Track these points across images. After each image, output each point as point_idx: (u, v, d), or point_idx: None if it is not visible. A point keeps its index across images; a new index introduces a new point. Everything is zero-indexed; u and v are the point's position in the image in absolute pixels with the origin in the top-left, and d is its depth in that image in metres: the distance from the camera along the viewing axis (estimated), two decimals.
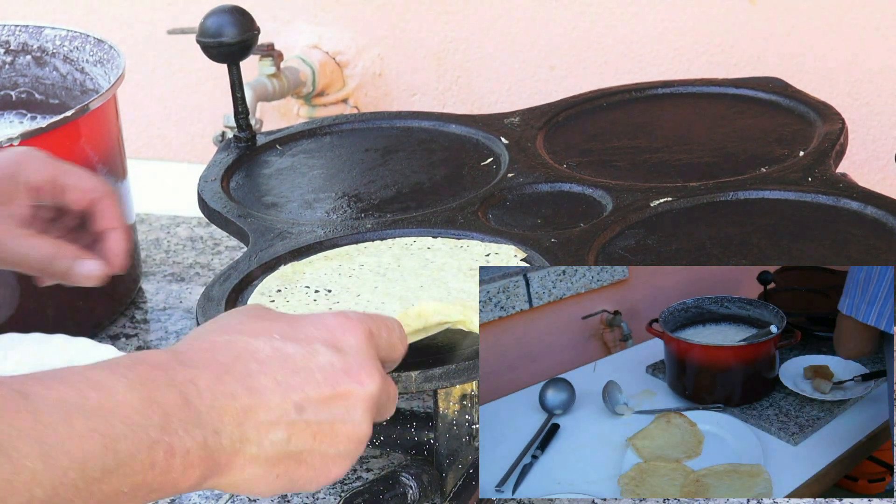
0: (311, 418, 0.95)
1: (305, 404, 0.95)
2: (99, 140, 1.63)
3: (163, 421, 0.88)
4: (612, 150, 1.58)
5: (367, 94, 2.16)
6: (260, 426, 0.93)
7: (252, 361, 0.94)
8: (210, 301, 1.30)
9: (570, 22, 2.04)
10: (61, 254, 1.20)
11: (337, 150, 1.63)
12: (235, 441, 0.92)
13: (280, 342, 0.96)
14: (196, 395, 0.91)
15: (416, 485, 1.29)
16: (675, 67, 2.00)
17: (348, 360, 0.97)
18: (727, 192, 1.46)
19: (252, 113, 1.95)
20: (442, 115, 1.69)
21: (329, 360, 0.97)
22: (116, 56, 1.69)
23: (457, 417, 1.30)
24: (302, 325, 0.98)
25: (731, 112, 1.65)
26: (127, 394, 0.87)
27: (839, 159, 1.53)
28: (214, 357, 0.94)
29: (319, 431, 0.96)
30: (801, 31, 1.95)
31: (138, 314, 1.71)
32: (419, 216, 1.45)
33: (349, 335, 0.98)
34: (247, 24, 1.54)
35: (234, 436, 0.92)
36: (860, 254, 1.34)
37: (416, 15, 2.10)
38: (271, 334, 0.96)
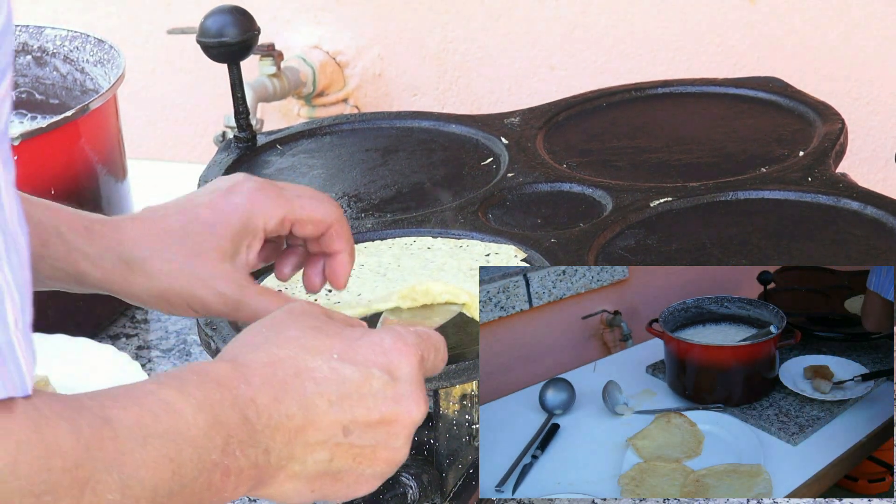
0: (356, 441, 0.97)
1: (353, 427, 0.97)
2: (99, 140, 1.63)
3: (224, 443, 0.90)
4: (612, 150, 1.58)
5: (367, 94, 2.16)
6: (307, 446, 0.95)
7: (310, 381, 0.95)
8: None
9: (570, 22, 2.04)
10: None
11: (337, 150, 1.63)
12: (283, 459, 0.94)
13: (338, 363, 0.97)
14: (255, 414, 0.92)
15: (416, 485, 1.29)
16: (675, 67, 2.00)
17: (399, 388, 0.98)
18: (727, 192, 1.46)
19: (252, 113, 1.95)
20: (442, 115, 1.69)
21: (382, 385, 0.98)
22: (116, 56, 1.69)
23: (457, 417, 1.30)
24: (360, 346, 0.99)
25: (731, 112, 1.65)
26: (195, 416, 0.89)
27: (839, 159, 1.53)
28: (275, 373, 0.95)
29: (361, 454, 0.98)
30: (801, 31, 1.95)
31: (138, 314, 1.71)
32: (419, 216, 1.45)
33: (404, 362, 0.99)
34: (247, 24, 1.54)
35: (282, 454, 0.94)
36: (860, 254, 1.34)
37: (416, 15, 2.10)
38: (331, 353, 0.97)
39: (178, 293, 1.14)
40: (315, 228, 1.18)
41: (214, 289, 1.14)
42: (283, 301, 1.15)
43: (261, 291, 1.15)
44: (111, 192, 1.65)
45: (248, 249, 1.16)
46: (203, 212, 1.16)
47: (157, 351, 1.65)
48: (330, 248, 1.19)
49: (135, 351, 1.64)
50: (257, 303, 1.15)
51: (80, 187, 1.60)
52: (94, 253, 1.15)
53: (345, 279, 1.19)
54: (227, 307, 1.14)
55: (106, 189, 1.64)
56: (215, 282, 1.14)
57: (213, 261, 1.14)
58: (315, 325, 0.99)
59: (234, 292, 1.14)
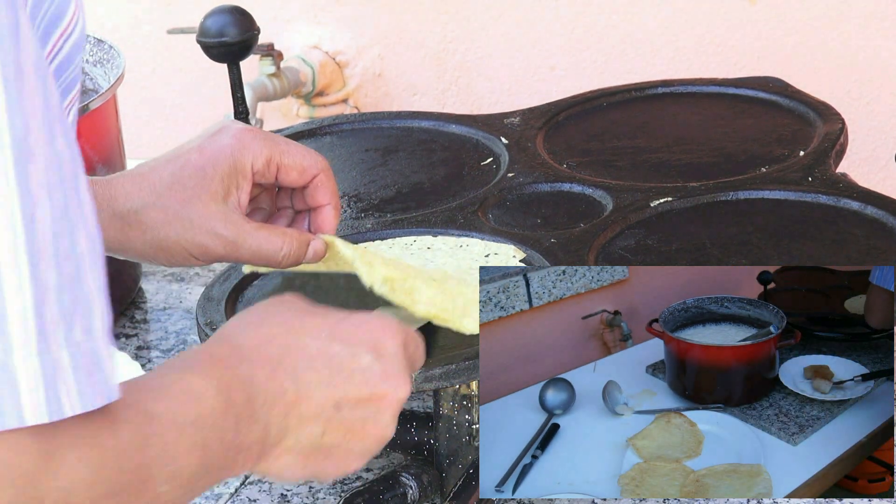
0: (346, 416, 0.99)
1: (343, 403, 0.98)
2: (99, 140, 1.62)
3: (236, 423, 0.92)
4: (612, 150, 1.58)
5: (367, 94, 2.16)
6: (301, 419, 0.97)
7: (301, 357, 0.97)
8: (210, 301, 1.30)
9: (570, 22, 2.04)
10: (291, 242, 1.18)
11: (337, 150, 1.63)
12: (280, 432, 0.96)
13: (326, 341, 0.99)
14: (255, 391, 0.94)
15: (416, 485, 1.29)
16: (675, 67, 2.00)
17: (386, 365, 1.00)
18: (727, 192, 1.46)
19: (252, 113, 1.95)
20: (442, 115, 1.69)
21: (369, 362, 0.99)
22: (116, 56, 1.69)
23: (457, 417, 1.30)
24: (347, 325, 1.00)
25: (731, 112, 1.65)
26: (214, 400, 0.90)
27: (839, 159, 1.53)
28: (268, 350, 0.96)
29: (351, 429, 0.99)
30: (801, 31, 1.95)
31: (138, 314, 1.71)
32: (419, 216, 1.45)
33: (390, 340, 1.01)
34: (247, 24, 1.54)
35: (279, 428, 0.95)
36: (860, 254, 1.34)
37: (416, 15, 2.10)
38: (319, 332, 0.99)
39: (176, 241, 1.16)
40: (300, 176, 1.20)
41: (212, 230, 1.16)
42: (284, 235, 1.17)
43: (258, 227, 1.17)
44: None
45: (238, 190, 1.18)
46: (192, 156, 1.18)
47: (156, 351, 1.65)
48: (314, 200, 1.21)
49: (135, 351, 1.64)
50: (256, 239, 1.17)
51: None
52: None
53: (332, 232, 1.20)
54: (226, 248, 1.16)
55: None
56: (212, 223, 1.16)
57: (206, 203, 1.16)
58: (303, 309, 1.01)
59: (232, 232, 1.16)
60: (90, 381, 0.80)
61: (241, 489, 1.41)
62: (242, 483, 1.41)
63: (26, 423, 0.78)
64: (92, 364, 0.81)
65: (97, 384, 0.81)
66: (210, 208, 1.16)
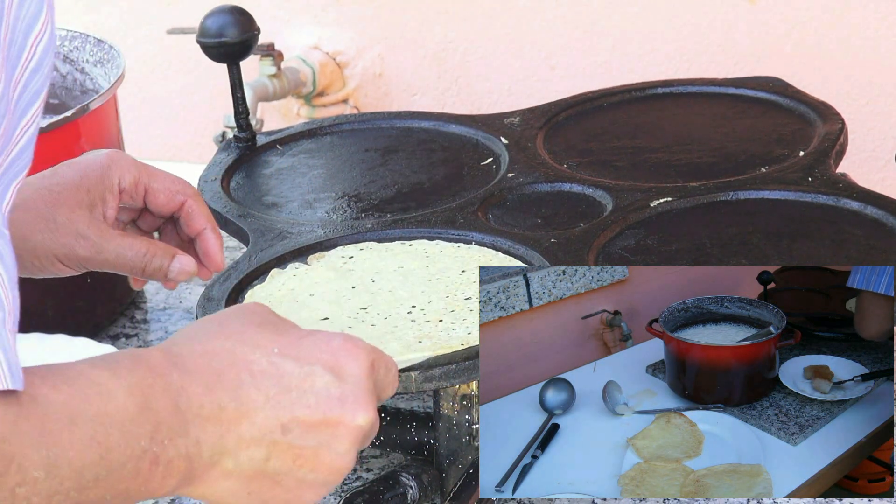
0: (296, 441, 0.93)
1: (293, 426, 0.93)
2: (99, 140, 1.62)
3: (153, 430, 0.88)
4: (612, 150, 1.58)
5: (367, 94, 2.16)
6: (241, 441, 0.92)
7: (245, 373, 0.92)
8: (210, 301, 1.30)
9: (570, 22, 2.04)
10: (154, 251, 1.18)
11: (337, 150, 1.63)
12: (215, 453, 0.91)
13: (278, 358, 0.93)
14: (186, 402, 0.90)
15: (416, 485, 1.29)
16: (675, 67, 2.00)
17: (345, 389, 0.94)
18: (727, 192, 1.46)
19: (252, 113, 1.95)
20: (442, 115, 1.69)
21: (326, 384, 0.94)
22: (116, 56, 1.69)
23: (457, 417, 1.30)
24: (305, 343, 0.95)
25: (731, 112, 1.65)
26: (126, 399, 0.87)
27: (839, 159, 1.53)
28: (209, 363, 0.92)
29: (301, 456, 0.94)
30: (801, 31, 1.95)
31: (138, 314, 1.71)
32: (419, 216, 1.45)
33: (352, 362, 0.95)
34: (247, 24, 1.54)
35: (214, 447, 0.91)
36: (860, 254, 1.34)
37: (416, 15, 2.10)
38: (271, 348, 0.94)
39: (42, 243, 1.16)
40: (167, 201, 1.21)
41: (76, 231, 1.17)
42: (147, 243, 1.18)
43: (123, 234, 1.18)
44: None
45: (103, 204, 1.19)
46: (62, 169, 1.20)
47: None
48: (191, 228, 1.22)
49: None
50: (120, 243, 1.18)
51: None
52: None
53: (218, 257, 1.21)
54: (90, 250, 1.17)
55: None
56: (76, 225, 1.17)
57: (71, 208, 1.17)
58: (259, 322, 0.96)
59: (95, 233, 1.17)
60: None
61: None
62: None
63: None
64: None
65: None
66: (75, 212, 1.17)
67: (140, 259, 1.18)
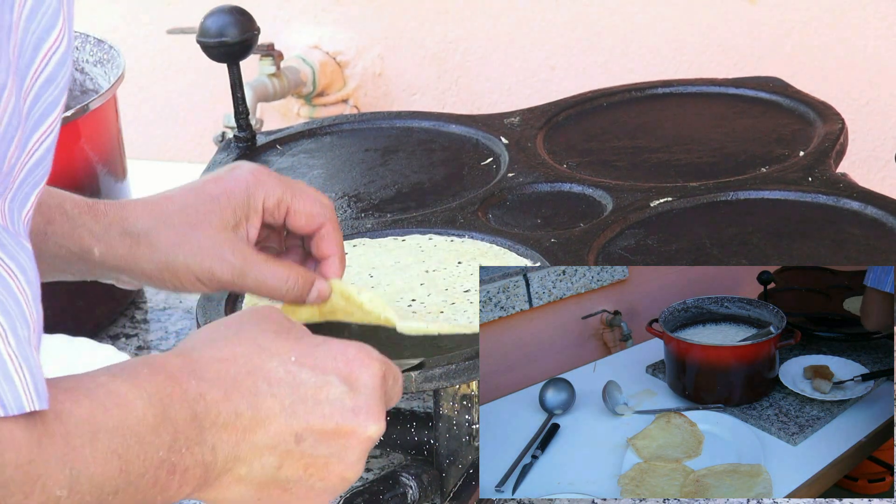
0: (308, 450, 0.94)
1: (306, 435, 0.94)
2: (99, 140, 1.62)
3: (172, 440, 0.88)
4: (612, 150, 1.58)
5: (367, 94, 2.16)
6: (255, 448, 0.92)
7: (262, 381, 0.93)
8: (210, 301, 1.30)
9: (570, 22, 2.04)
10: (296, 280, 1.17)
11: (337, 150, 1.63)
12: (229, 460, 0.91)
13: (295, 367, 0.94)
14: (203, 410, 0.90)
15: (416, 485, 1.29)
16: (675, 67, 2.00)
17: (359, 400, 0.95)
18: (727, 192, 1.46)
19: (252, 113, 1.95)
20: (442, 115, 1.69)
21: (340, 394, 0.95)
22: (116, 56, 1.69)
23: (457, 417, 1.30)
24: (321, 351, 0.96)
25: (731, 112, 1.65)
26: (145, 410, 0.87)
27: (839, 159, 1.53)
28: (227, 370, 0.92)
29: (312, 465, 0.94)
30: (801, 31, 1.95)
31: (138, 314, 1.71)
32: (419, 216, 1.45)
33: (366, 373, 0.96)
34: (247, 24, 1.54)
35: (228, 455, 0.91)
36: (860, 254, 1.34)
37: (416, 15, 2.10)
38: (288, 356, 0.95)
39: (184, 263, 1.15)
40: (307, 222, 1.19)
41: (220, 256, 1.15)
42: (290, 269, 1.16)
43: (266, 258, 1.17)
44: (111, 192, 1.65)
45: (247, 223, 1.17)
46: (207, 186, 1.18)
47: (156, 351, 1.65)
48: (320, 251, 1.20)
49: (135, 351, 1.64)
50: (263, 269, 1.16)
51: (79, 187, 1.60)
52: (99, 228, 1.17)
53: None
54: (233, 275, 1.15)
55: (106, 189, 1.64)
56: (220, 249, 1.15)
57: (216, 230, 1.16)
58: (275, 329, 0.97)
59: (239, 259, 1.15)
60: None
61: None
62: None
63: None
64: None
65: None
66: (220, 235, 1.16)
67: (282, 286, 1.16)
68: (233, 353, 0.93)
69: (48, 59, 0.85)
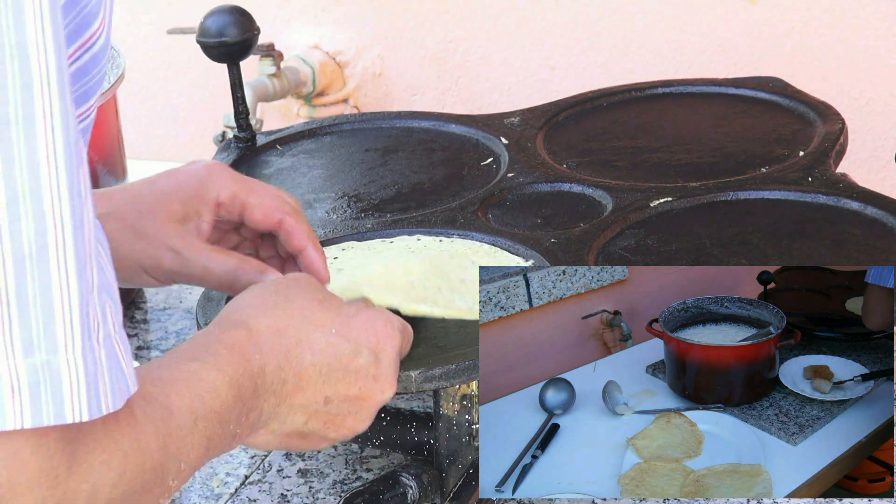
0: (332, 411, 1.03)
1: (334, 398, 1.02)
2: (99, 140, 1.62)
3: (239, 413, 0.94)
4: (612, 150, 1.58)
5: (367, 94, 2.16)
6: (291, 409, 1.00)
7: (308, 351, 1.01)
8: (210, 301, 1.30)
9: (570, 22, 2.04)
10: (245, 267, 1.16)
11: (337, 150, 1.63)
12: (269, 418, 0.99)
13: (335, 338, 1.02)
14: (262, 383, 0.97)
15: (416, 485, 1.29)
16: (675, 67, 2.00)
17: (380, 368, 1.05)
18: (727, 192, 1.46)
19: (252, 113, 1.95)
20: (442, 115, 1.69)
21: (367, 363, 1.04)
22: (116, 56, 1.69)
23: (457, 417, 1.30)
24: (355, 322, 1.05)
25: (731, 112, 1.65)
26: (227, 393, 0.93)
27: (839, 159, 1.53)
28: (280, 341, 0.99)
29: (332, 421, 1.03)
30: (801, 31, 1.95)
31: (138, 314, 1.71)
32: (419, 216, 1.45)
33: (389, 345, 1.06)
34: (247, 24, 1.54)
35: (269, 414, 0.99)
36: (860, 254, 1.34)
37: (416, 15, 2.10)
38: (330, 328, 1.03)
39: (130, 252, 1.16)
40: (265, 216, 1.19)
41: (164, 243, 1.16)
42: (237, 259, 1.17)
43: (214, 248, 1.17)
44: None
45: (198, 216, 1.18)
46: (160, 179, 1.20)
47: (157, 351, 1.65)
48: (291, 245, 1.20)
49: (135, 351, 1.64)
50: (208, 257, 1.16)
51: None
52: None
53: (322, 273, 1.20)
54: (177, 263, 1.16)
55: None
56: (164, 236, 1.16)
57: (162, 220, 1.17)
58: (318, 298, 1.04)
59: (184, 247, 1.16)
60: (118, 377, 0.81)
61: (241, 489, 1.41)
62: (242, 483, 1.41)
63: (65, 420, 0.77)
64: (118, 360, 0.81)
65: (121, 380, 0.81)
66: (166, 224, 1.16)
67: (229, 275, 1.16)
68: (286, 325, 1.00)
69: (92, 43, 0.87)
